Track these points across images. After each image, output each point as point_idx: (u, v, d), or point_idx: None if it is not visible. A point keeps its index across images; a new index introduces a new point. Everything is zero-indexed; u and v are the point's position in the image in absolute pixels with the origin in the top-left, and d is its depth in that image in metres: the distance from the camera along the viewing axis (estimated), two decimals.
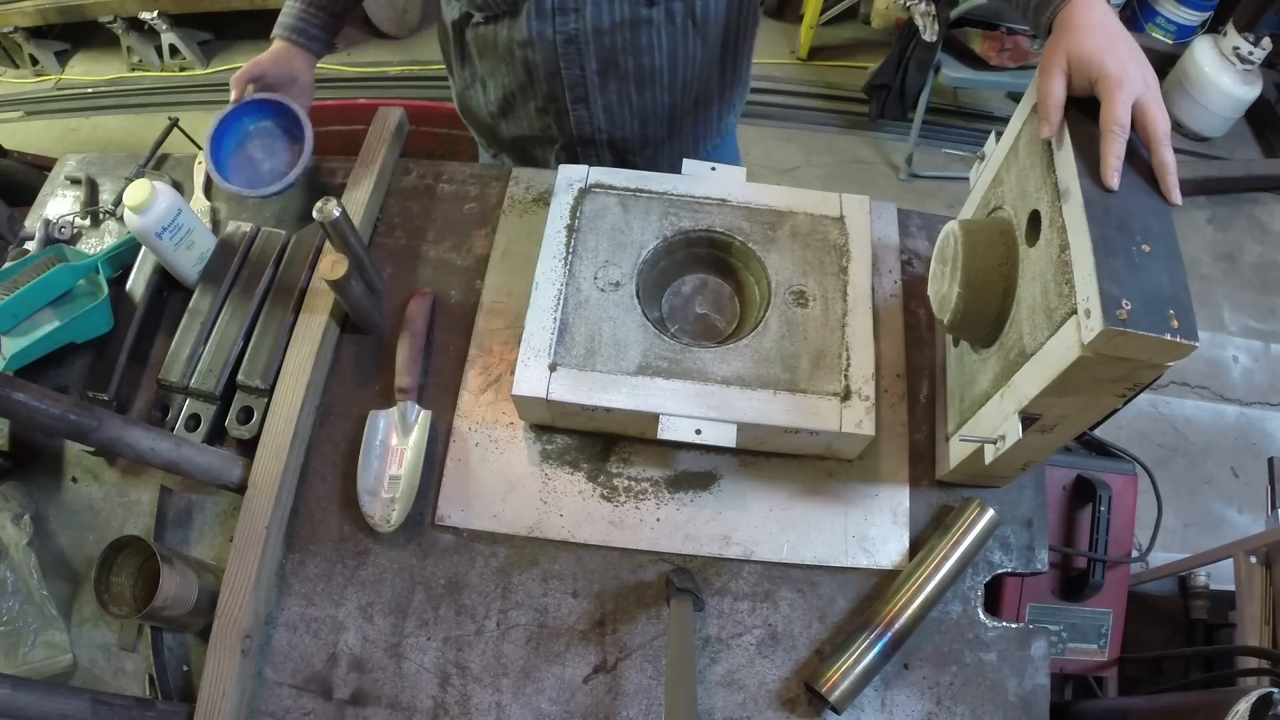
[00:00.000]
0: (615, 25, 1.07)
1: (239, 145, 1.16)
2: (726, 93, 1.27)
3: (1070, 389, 0.73)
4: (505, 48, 1.12)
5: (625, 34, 1.08)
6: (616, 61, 1.11)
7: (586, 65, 1.11)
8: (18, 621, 0.96)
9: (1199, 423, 2.30)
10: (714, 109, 1.27)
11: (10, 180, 2.04)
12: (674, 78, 1.16)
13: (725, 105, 1.29)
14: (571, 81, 1.13)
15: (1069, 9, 0.78)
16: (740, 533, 0.98)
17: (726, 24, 1.14)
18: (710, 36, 1.13)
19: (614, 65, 1.12)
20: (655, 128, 1.23)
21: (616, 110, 1.18)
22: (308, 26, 1.17)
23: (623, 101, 1.17)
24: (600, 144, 1.23)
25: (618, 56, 1.11)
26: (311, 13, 1.17)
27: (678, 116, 1.23)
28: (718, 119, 1.30)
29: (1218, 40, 2.65)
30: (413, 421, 1.02)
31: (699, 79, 1.19)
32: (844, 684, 0.86)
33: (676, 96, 1.19)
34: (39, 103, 3.14)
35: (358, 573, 0.97)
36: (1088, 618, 1.20)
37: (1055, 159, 0.78)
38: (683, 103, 1.21)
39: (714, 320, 1.06)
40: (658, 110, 1.20)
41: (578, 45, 1.08)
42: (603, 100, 1.16)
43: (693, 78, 1.18)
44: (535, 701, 0.91)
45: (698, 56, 1.15)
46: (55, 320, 1.06)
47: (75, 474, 1.06)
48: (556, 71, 1.12)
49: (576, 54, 1.09)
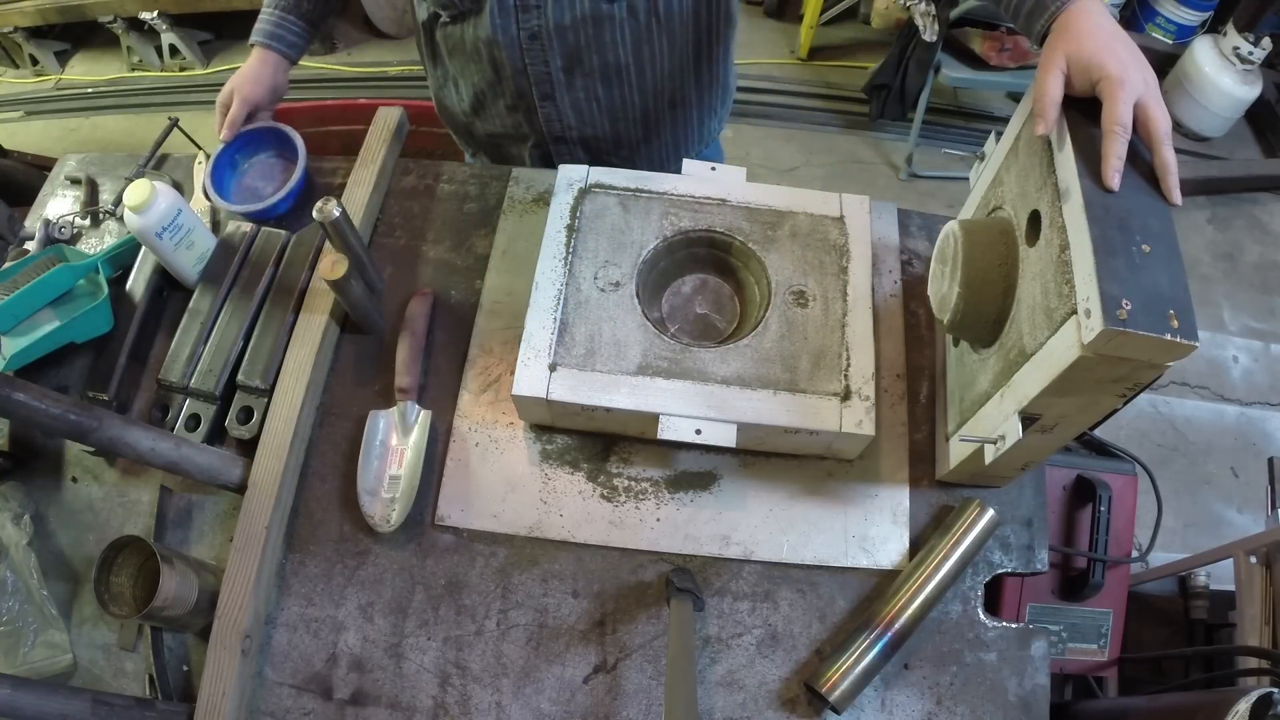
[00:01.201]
0: (577, 21, 1.07)
1: (239, 178, 1.23)
2: (705, 97, 1.27)
3: (1070, 389, 0.73)
4: (472, 46, 1.14)
5: (588, 30, 1.08)
6: (581, 58, 1.12)
7: (551, 62, 1.12)
8: (18, 621, 0.96)
9: (1199, 423, 2.30)
10: (692, 112, 1.27)
11: (10, 180, 2.04)
12: (642, 75, 1.16)
13: (705, 110, 1.29)
14: (537, 78, 1.14)
15: (1066, 15, 0.78)
16: (740, 533, 0.98)
17: (696, 21, 1.14)
18: (676, 33, 1.13)
19: (579, 62, 1.12)
20: (627, 128, 1.23)
21: (584, 107, 1.19)
22: (285, 33, 1.20)
23: (590, 98, 1.17)
24: (572, 141, 1.23)
25: (582, 53, 1.11)
26: (291, 20, 1.20)
27: (652, 117, 1.23)
28: (698, 124, 1.30)
29: (1218, 40, 2.65)
30: (413, 421, 1.02)
31: (670, 78, 1.19)
32: (844, 684, 0.86)
33: (648, 97, 1.20)
34: (39, 103, 3.14)
35: (358, 573, 0.97)
36: (1088, 618, 1.20)
37: (1055, 159, 0.78)
38: (655, 104, 1.21)
39: (714, 320, 1.06)
40: (628, 109, 1.20)
41: (541, 42, 1.09)
42: (569, 97, 1.17)
43: (663, 77, 1.18)
44: (535, 701, 0.91)
45: (664, 54, 1.15)
46: (55, 320, 1.06)
47: (75, 474, 1.06)
48: (523, 69, 1.13)
49: (540, 50, 1.10)
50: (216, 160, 1.19)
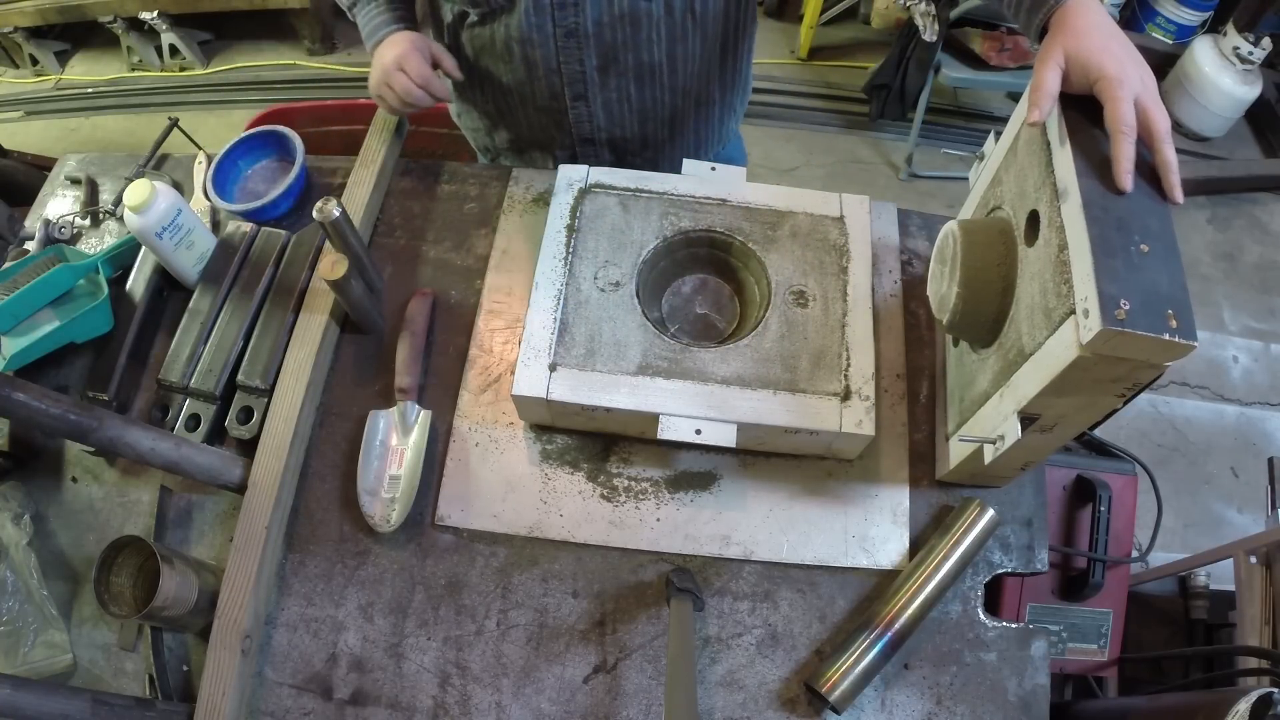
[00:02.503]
0: (615, 18, 1.07)
1: (242, 183, 1.23)
2: (727, 95, 1.27)
3: (1069, 389, 0.73)
4: (503, 45, 1.12)
5: (625, 28, 1.08)
6: (616, 56, 1.11)
7: (586, 60, 1.11)
8: (18, 621, 0.96)
9: (1199, 423, 2.30)
10: (714, 110, 1.27)
11: (10, 180, 2.04)
12: (674, 74, 1.16)
13: (726, 108, 1.29)
14: (571, 77, 1.13)
15: (1064, 10, 0.78)
16: (740, 533, 0.98)
17: (725, 18, 1.13)
18: (709, 31, 1.13)
19: (614, 61, 1.11)
20: (655, 128, 1.23)
21: (616, 108, 1.18)
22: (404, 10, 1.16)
23: (622, 99, 1.17)
24: (600, 143, 1.23)
25: (617, 51, 1.10)
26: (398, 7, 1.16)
27: (678, 117, 1.23)
28: (719, 123, 1.30)
29: (1218, 40, 2.65)
30: (413, 421, 1.02)
31: (698, 77, 1.18)
32: (844, 684, 0.86)
33: (677, 96, 1.19)
34: (39, 103, 3.14)
35: (358, 573, 0.97)
36: (1088, 618, 1.20)
37: (1054, 159, 0.78)
38: (683, 103, 1.21)
39: (714, 320, 1.06)
40: (658, 109, 1.20)
41: (577, 39, 1.08)
42: (602, 97, 1.16)
43: (692, 75, 1.17)
44: (535, 701, 0.91)
45: (697, 53, 1.15)
46: (55, 320, 1.06)
47: (75, 474, 1.06)
48: (556, 68, 1.12)
49: (576, 48, 1.09)
50: (219, 164, 1.19)
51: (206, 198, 1.18)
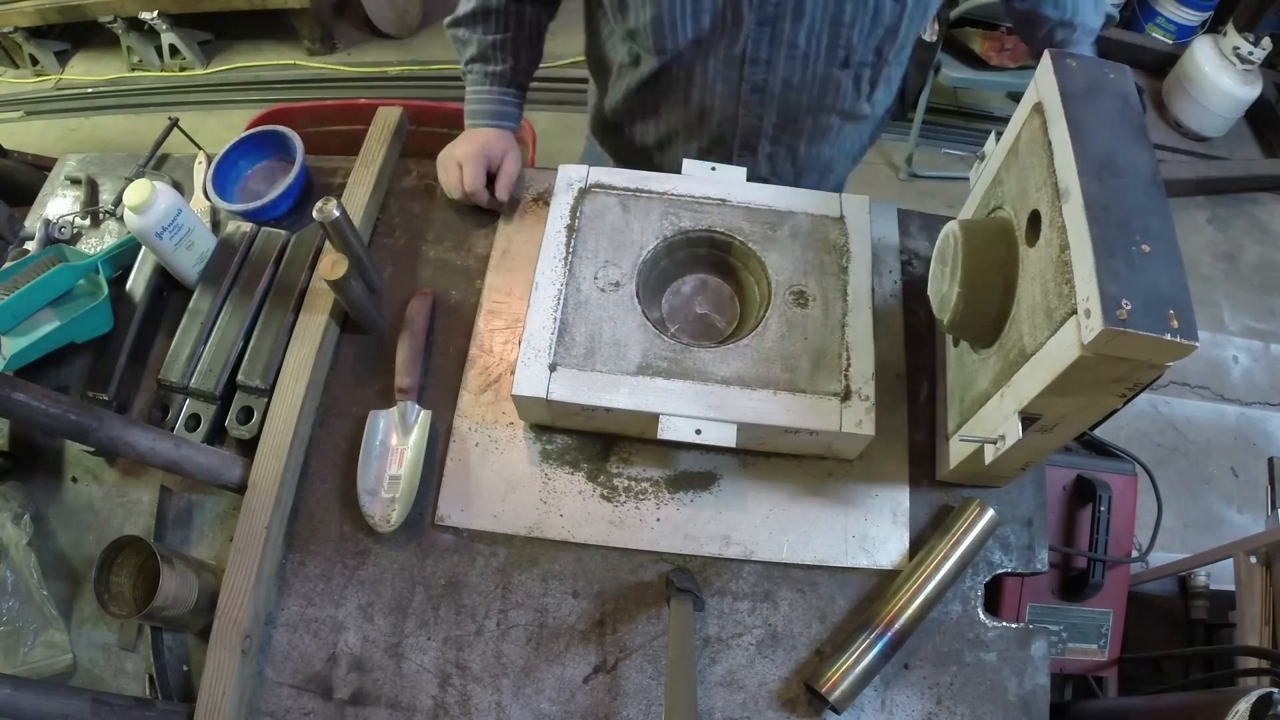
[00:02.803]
0: (806, 81, 1.05)
1: (243, 184, 1.23)
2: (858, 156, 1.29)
3: (1070, 389, 0.73)
4: (681, 91, 1.10)
5: (813, 91, 1.07)
6: (796, 117, 1.10)
7: (766, 117, 1.10)
8: (18, 621, 0.96)
9: (1199, 423, 2.30)
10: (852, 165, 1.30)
11: (10, 180, 2.04)
12: (840, 140, 1.16)
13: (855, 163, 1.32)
14: (745, 131, 1.12)
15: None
16: (740, 533, 0.98)
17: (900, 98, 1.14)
18: (879, 103, 1.13)
19: (793, 121, 1.11)
20: (810, 181, 1.22)
21: (780, 163, 1.17)
22: (510, 109, 1.16)
23: (789, 156, 1.17)
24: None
25: (799, 113, 1.10)
26: (510, 94, 1.16)
27: (831, 171, 1.24)
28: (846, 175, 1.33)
29: (1218, 40, 2.65)
30: (413, 421, 1.02)
31: (858, 142, 1.20)
32: (844, 684, 0.86)
33: (837, 155, 1.20)
34: (39, 103, 3.14)
35: (358, 573, 0.97)
36: (1088, 618, 1.19)
37: (1055, 159, 0.78)
38: (841, 162, 1.23)
39: (714, 320, 1.06)
40: (816, 165, 1.20)
41: (762, 96, 1.07)
42: (770, 150, 1.15)
43: (856, 140, 1.19)
44: (535, 701, 0.91)
45: (866, 120, 1.15)
46: (55, 320, 1.06)
47: (75, 474, 1.06)
48: (733, 117, 1.10)
49: (759, 104, 1.08)
50: (219, 164, 1.19)
51: (206, 198, 1.18)
